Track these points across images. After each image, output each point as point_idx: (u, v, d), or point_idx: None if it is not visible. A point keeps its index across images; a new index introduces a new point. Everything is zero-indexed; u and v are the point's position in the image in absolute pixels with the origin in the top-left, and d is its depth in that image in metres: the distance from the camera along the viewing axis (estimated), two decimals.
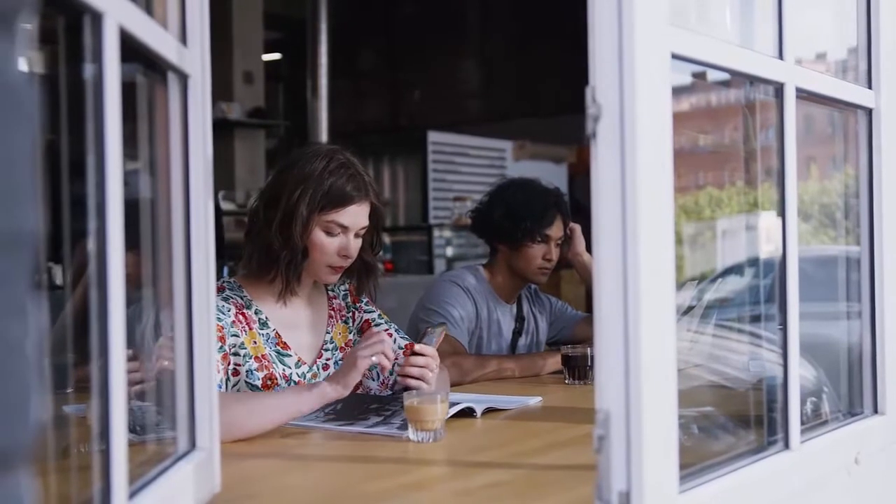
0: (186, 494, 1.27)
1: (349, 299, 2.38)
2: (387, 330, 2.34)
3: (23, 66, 0.60)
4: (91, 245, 0.99)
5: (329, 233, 2.15)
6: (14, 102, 0.58)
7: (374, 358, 1.95)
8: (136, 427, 1.30)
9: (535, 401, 2.30)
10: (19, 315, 0.59)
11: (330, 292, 2.36)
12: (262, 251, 2.16)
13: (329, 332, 2.30)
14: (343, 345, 2.31)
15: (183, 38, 1.32)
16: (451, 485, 1.58)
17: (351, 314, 2.37)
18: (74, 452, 1.20)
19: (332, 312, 2.33)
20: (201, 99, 1.35)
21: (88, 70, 0.99)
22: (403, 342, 2.35)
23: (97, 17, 0.97)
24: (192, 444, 1.34)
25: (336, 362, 2.27)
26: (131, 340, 1.05)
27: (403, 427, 1.87)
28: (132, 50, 1.09)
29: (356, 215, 2.18)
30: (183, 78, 1.32)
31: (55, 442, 1.19)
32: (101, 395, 0.99)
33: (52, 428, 1.13)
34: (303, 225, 2.12)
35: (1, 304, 0.58)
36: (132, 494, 1.07)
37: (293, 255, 2.13)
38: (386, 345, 1.99)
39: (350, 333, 2.34)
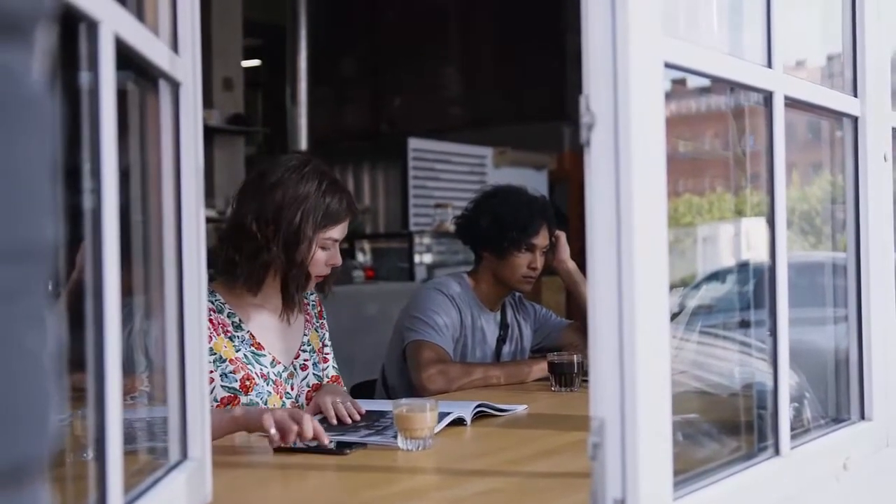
0: None
1: (316, 311, 2.46)
2: (327, 355, 2.44)
3: (41, 76, 0.60)
4: (87, 253, 0.98)
5: (323, 248, 2.25)
6: (32, 113, 0.58)
7: (272, 431, 1.79)
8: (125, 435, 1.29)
9: (521, 409, 2.31)
10: (37, 325, 0.58)
11: (303, 298, 2.42)
12: (262, 268, 2.21)
13: (307, 335, 2.38)
14: (317, 349, 2.41)
15: (174, 46, 1.32)
16: (444, 493, 1.58)
17: (319, 324, 2.46)
18: (68, 462, 1.19)
19: (308, 317, 2.41)
20: (192, 106, 1.35)
21: (83, 78, 0.99)
22: (333, 372, 2.43)
23: (93, 26, 0.97)
24: (184, 455, 1.33)
25: (314, 363, 2.37)
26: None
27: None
28: (125, 57, 1.09)
29: (345, 228, 2.29)
30: (174, 85, 1.32)
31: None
32: (96, 406, 0.98)
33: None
34: (308, 246, 2.21)
35: (18, 314, 0.57)
36: None
37: (299, 275, 2.22)
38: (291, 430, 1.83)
39: (320, 341, 2.43)
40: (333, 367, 2.46)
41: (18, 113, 0.57)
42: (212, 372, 2.13)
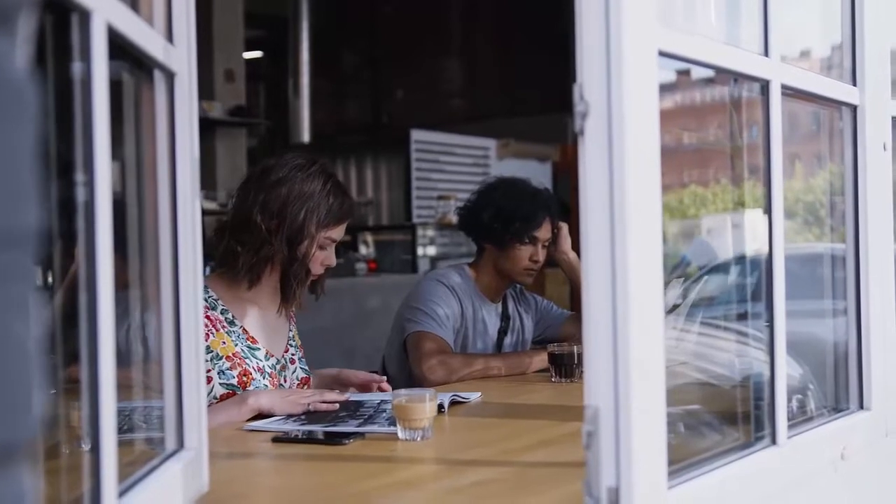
0: (175, 494, 1.26)
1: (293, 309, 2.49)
2: (293, 356, 2.43)
3: (23, 63, 0.60)
4: (79, 246, 0.98)
5: (322, 247, 2.28)
6: (15, 100, 0.58)
7: (310, 407, 2.09)
8: (122, 426, 1.30)
9: (476, 396, 2.33)
10: (22, 311, 0.59)
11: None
12: (263, 261, 2.24)
13: (291, 331, 2.42)
14: (299, 345, 2.45)
15: (169, 36, 1.32)
16: (441, 483, 1.58)
17: (295, 323, 2.50)
18: (62, 452, 1.19)
19: (292, 315, 2.45)
20: (188, 97, 1.35)
21: (76, 68, 0.99)
22: (302, 374, 2.43)
23: (85, 15, 0.97)
24: (181, 444, 1.33)
25: (300, 358, 2.42)
26: (116, 341, 1.05)
27: (392, 423, 1.86)
28: (118, 48, 1.09)
29: (343, 230, 2.33)
30: (170, 76, 1.31)
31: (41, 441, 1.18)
32: (90, 396, 0.98)
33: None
34: (310, 242, 2.24)
35: (4, 300, 0.58)
36: (121, 494, 1.06)
37: (300, 270, 2.25)
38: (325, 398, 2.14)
39: (299, 338, 2.48)
40: (303, 369, 2.46)
41: (0, 100, 0.57)
42: (209, 371, 2.14)
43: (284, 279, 2.27)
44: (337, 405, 2.11)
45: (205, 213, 6.01)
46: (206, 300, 2.22)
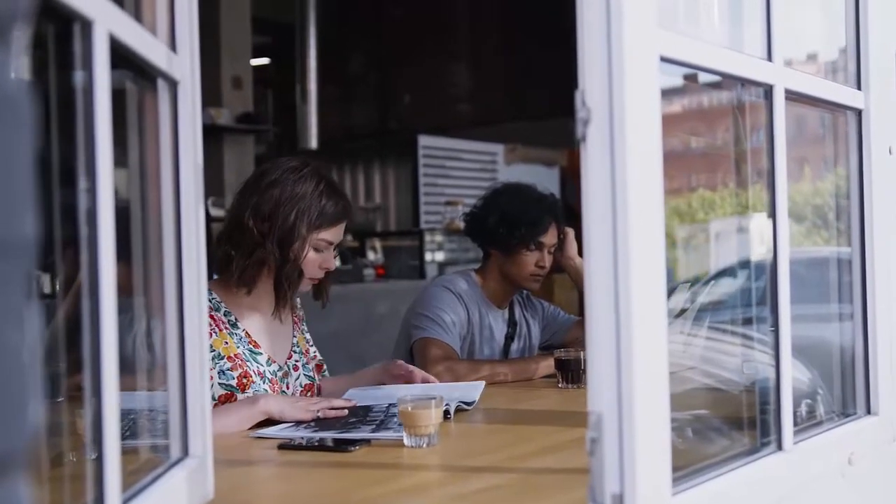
0: (180, 501, 1.26)
1: (301, 315, 2.50)
2: (297, 363, 2.41)
3: (19, 73, 0.61)
4: (82, 253, 0.98)
5: (317, 249, 2.28)
6: (11, 110, 0.58)
7: (319, 413, 2.09)
8: (126, 433, 1.30)
9: (479, 386, 2.35)
10: (16, 321, 0.59)
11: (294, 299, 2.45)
12: (256, 265, 2.24)
13: (295, 337, 2.42)
14: (304, 351, 2.44)
15: (172, 45, 1.32)
16: (447, 489, 1.58)
17: (304, 328, 2.50)
18: (68, 461, 1.20)
19: (296, 320, 2.45)
20: (191, 105, 1.35)
21: (78, 77, 0.99)
22: (306, 381, 2.42)
23: (87, 25, 0.97)
24: (185, 452, 1.34)
25: (304, 364, 2.41)
26: (122, 349, 1.05)
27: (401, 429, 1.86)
28: (121, 56, 1.09)
29: (341, 232, 2.32)
30: (172, 84, 1.32)
31: (47, 450, 1.19)
32: (93, 405, 0.98)
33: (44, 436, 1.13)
34: (301, 244, 2.23)
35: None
36: (125, 502, 1.07)
37: (292, 272, 2.24)
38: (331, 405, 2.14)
39: (306, 343, 2.47)
40: (307, 375, 2.45)
41: None
42: (210, 370, 2.15)
43: (277, 282, 2.27)
44: (346, 412, 2.12)
45: (213, 219, 6.02)
46: (210, 302, 2.23)
